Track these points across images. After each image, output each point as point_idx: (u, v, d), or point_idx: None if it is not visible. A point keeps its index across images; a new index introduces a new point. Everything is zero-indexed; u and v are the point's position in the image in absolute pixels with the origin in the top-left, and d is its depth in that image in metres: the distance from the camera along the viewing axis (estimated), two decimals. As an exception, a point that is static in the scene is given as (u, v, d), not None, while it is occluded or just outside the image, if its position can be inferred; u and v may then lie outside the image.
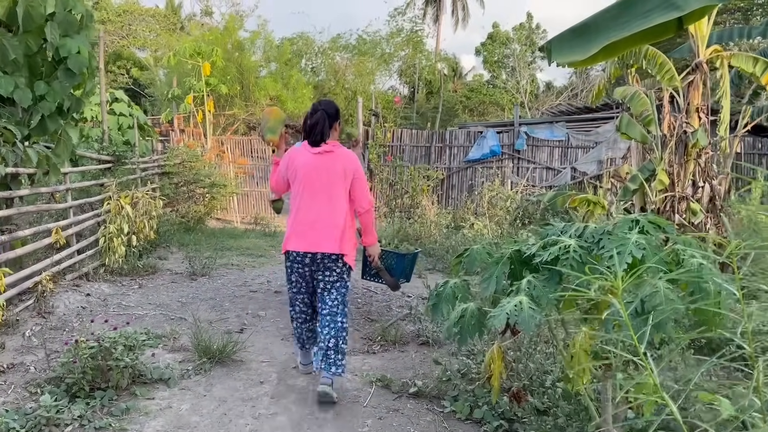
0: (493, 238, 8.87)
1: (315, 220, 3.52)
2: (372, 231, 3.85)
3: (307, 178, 3.55)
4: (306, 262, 3.54)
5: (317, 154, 3.57)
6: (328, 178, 3.54)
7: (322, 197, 3.53)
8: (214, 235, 9.44)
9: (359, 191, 3.60)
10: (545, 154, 12.86)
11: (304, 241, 3.52)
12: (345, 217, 3.56)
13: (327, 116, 3.61)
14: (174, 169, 9.43)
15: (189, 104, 11.83)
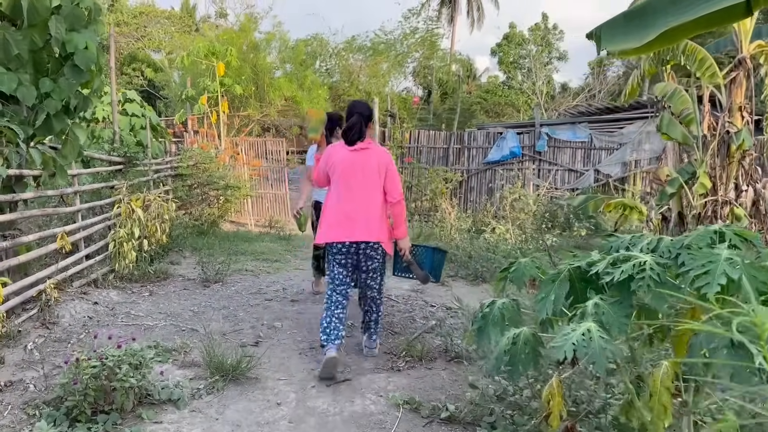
0: (517, 242, 8.50)
1: (353, 211, 3.82)
2: (403, 223, 4.04)
3: (345, 173, 3.88)
4: (350, 251, 3.86)
5: (354, 151, 3.91)
6: (364, 172, 3.86)
7: (359, 190, 3.84)
8: (228, 238, 9.16)
9: (391, 184, 3.90)
10: (567, 155, 12.45)
11: (345, 231, 3.82)
12: (381, 208, 3.88)
13: (362, 118, 3.93)
14: (187, 170, 9.16)
15: (203, 105, 11.58)
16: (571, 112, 14.86)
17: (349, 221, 3.80)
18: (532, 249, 7.81)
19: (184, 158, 9.29)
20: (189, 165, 9.32)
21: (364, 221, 3.79)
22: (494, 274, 6.79)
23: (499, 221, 10.07)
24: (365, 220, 3.80)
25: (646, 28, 2.96)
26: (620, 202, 5.79)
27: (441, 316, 5.17)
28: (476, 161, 12.69)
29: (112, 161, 6.79)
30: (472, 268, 6.98)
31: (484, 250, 8.12)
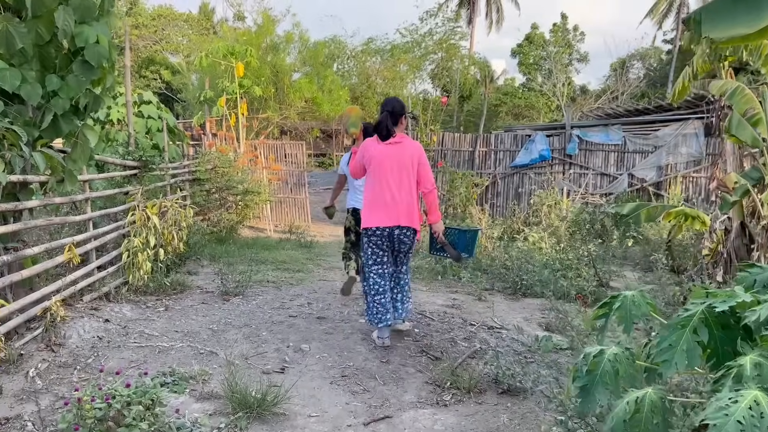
0: (553, 252, 7.95)
1: (389, 199, 4.18)
2: (436, 209, 4.39)
3: (380, 165, 4.22)
4: (384, 235, 4.23)
5: (388, 145, 4.24)
6: (398, 164, 4.18)
7: (393, 180, 4.18)
8: (248, 245, 8.72)
9: (424, 174, 4.26)
10: (599, 159, 11.85)
11: (383, 217, 4.19)
12: (413, 196, 4.25)
13: (390, 114, 4.26)
14: (205, 175, 8.75)
15: (221, 107, 11.18)
16: (598, 114, 14.23)
17: (386, 208, 4.18)
18: (571, 259, 7.25)
19: (201, 162, 8.87)
20: (207, 169, 8.91)
21: (399, 208, 4.17)
22: (534, 287, 6.27)
23: (530, 228, 9.53)
24: (400, 208, 4.17)
25: (759, 11, 2.43)
26: (681, 211, 5.23)
27: (484, 338, 4.65)
28: (503, 165, 12.15)
29: (127, 165, 6.37)
30: (509, 280, 6.46)
31: (520, 259, 7.59)
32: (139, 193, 6.33)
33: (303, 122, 21.06)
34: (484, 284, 6.34)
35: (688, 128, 11.62)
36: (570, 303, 5.86)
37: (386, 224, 4.19)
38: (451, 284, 6.73)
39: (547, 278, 6.25)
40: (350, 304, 5.68)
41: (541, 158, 11.82)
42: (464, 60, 28.31)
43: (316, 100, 12.97)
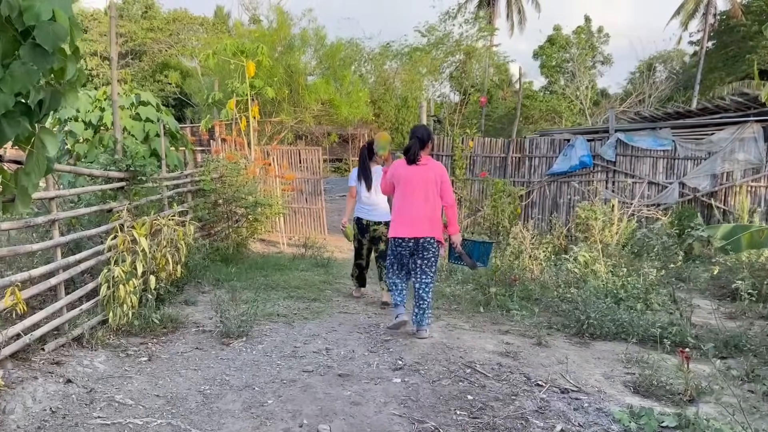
0: (612, 276, 6.73)
1: (415, 214, 4.75)
2: (455, 222, 4.94)
3: (408, 183, 4.83)
4: (409, 245, 4.80)
5: (414, 166, 4.83)
6: (423, 183, 4.78)
7: (419, 197, 4.77)
8: (257, 266, 7.59)
9: (445, 191, 4.81)
10: (647, 165, 10.58)
11: (409, 229, 4.76)
12: (436, 211, 4.79)
13: (419, 140, 4.85)
14: (210, 185, 7.66)
15: (231, 109, 10.11)
16: (643, 116, 12.92)
17: (412, 221, 4.75)
18: (638, 287, 6.03)
19: (206, 171, 7.79)
20: (212, 178, 7.82)
21: (423, 221, 4.72)
22: (604, 326, 5.06)
23: (577, 245, 8.32)
24: (424, 220, 4.72)
25: None
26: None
27: (561, 410, 3.46)
28: (539, 172, 10.93)
29: (111, 177, 5.28)
30: (571, 317, 5.25)
31: (575, 285, 6.40)
32: (124, 209, 5.25)
33: (319, 126, 20.02)
34: (539, 321, 5.13)
35: (746, 132, 10.31)
36: (653, 349, 4.65)
37: (410, 235, 4.77)
38: (498, 319, 5.54)
39: (619, 315, 5.03)
40: (378, 349, 4.53)
41: (581, 165, 10.59)
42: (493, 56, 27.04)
43: (334, 102, 11.85)
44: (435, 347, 4.57)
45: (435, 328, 5.15)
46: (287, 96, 11.59)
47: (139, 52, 32.49)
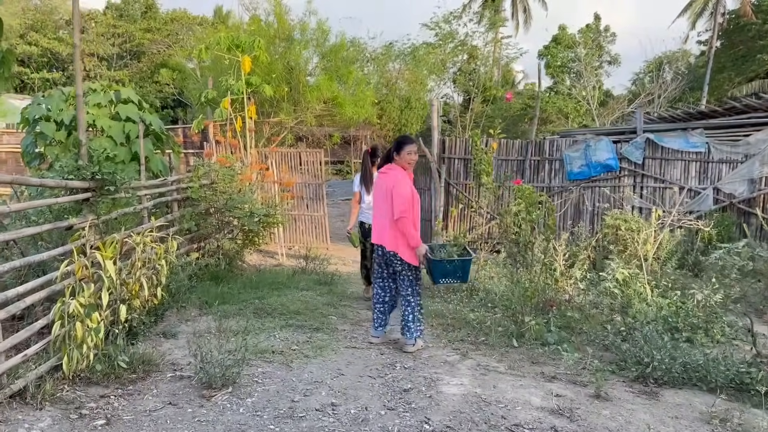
0: (659, 298, 5.79)
1: (377, 222, 4.77)
2: (410, 236, 4.50)
3: (374, 190, 4.93)
4: (379, 252, 4.75)
5: (380, 173, 4.81)
6: (381, 192, 4.66)
7: (379, 207, 4.71)
8: (252, 284, 6.64)
9: (394, 203, 4.48)
10: (678, 169, 9.63)
11: (374, 234, 4.80)
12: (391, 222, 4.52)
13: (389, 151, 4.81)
14: (198, 193, 6.71)
15: (225, 109, 9.17)
16: (671, 115, 11.95)
17: (376, 227, 4.78)
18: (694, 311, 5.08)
19: (195, 176, 6.84)
20: (202, 185, 6.87)
21: (382, 231, 4.64)
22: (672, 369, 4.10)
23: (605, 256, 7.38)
24: (383, 231, 4.63)
25: None
26: None
27: None
28: (559, 176, 9.98)
29: (72, 188, 4.34)
30: (630, 357, 4.29)
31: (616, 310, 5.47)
32: (86, 226, 4.31)
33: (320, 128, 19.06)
34: (592, 364, 4.18)
35: (788, 133, 9.37)
36: (734, 398, 3.70)
37: (376, 241, 4.73)
38: (538, 357, 4.58)
39: (693, 357, 4.07)
40: (397, 404, 3.58)
41: (606, 168, 9.64)
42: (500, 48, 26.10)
43: (338, 101, 10.90)
44: (468, 401, 3.62)
45: (464, 370, 4.20)
46: (287, 94, 10.63)
47: (138, 52, 31.59)
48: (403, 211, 4.41)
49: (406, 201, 4.42)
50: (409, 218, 4.42)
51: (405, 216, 4.41)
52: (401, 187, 4.47)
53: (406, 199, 4.43)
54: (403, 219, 4.40)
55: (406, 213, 4.42)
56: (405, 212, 4.41)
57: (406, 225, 4.42)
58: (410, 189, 4.54)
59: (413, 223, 4.49)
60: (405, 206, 4.40)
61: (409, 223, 4.43)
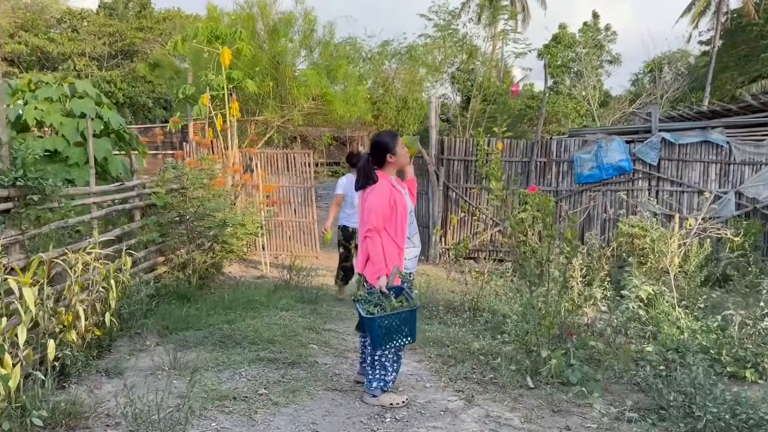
0: (691, 321, 4.95)
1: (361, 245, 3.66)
2: (374, 260, 3.45)
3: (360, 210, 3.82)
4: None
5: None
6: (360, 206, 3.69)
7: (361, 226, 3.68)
8: (224, 304, 5.75)
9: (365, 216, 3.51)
10: (696, 172, 8.79)
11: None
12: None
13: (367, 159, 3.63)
14: (164, 199, 5.84)
15: (204, 106, 8.31)
16: (687, 113, 11.11)
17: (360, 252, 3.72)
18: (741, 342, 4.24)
19: (161, 180, 5.97)
20: (170, 190, 6.01)
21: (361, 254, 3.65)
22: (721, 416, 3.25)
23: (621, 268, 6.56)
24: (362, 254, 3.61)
25: None
26: None
27: None
28: (568, 179, 9.13)
29: (-18, 196, 3.47)
30: (674, 407, 3.42)
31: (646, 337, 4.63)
32: (5, 243, 3.45)
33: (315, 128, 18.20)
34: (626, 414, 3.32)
35: (815, 132, 8.55)
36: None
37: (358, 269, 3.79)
38: (559, 403, 3.71)
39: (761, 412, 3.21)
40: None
41: (618, 171, 8.80)
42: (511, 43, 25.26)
43: (327, 98, 10.03)
44: (477, 476, 2.76)
45: (470, 424, 3.34)
46: (272, 90, 9.76)
47: (130, 52, 30.70)
48: (372, 227, 3.44)
49: (380, 214, 3.44)
50: (377, 238, 3.43)
51: (372, 235, 3.43)
52: (376, 195, 3.48)
53: (380, 212, 3.43)
54: (370, 237, 3.43)
55: (376, 230, 3.44)
56: (374, 229, 3.44)
57: (373, 245, 3.43)
58: (389, 198, 3.48)
59: (393, 241, 3.49)
60: (376, 220, 3.43)
61: (377, 242, 3.42)
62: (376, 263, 3.42)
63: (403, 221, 3.53)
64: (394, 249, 3.50)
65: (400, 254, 3.54)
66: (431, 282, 7.12)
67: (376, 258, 3.41)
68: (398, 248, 3.52)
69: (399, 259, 3.52)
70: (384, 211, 3.44)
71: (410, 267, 3.73)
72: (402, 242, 3.53)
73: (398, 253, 3.52)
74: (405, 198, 3.60)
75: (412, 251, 3.69)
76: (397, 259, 3.50)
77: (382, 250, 3.42)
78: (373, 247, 3.43)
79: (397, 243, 3.51)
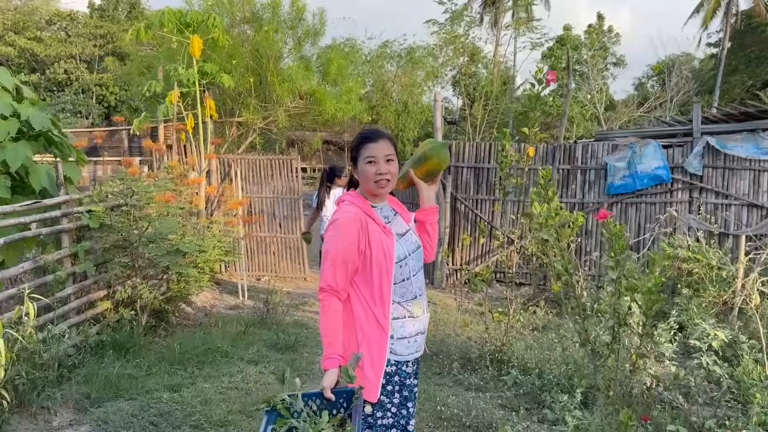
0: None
1: None
2: (321, 332, 1.97)
3: None
4: None
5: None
6: None
7: None
8: (173, 357, 4.38)
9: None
10: (746, 181, 7.44)
11: None
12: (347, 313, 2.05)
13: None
14: (99, 220, 4.51)
15: (171, 104, 7.00)
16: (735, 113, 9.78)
17: None
18: None
19: (96, 195, 4.65)
20: (109, 208, 4.68)
21: None
22: None
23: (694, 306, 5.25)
24: None
25: None
26: None
27: None
28: (595, 189, 7.81)
29: None
30: None
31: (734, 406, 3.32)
32: None
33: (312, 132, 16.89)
34: None
35: None
36: None
37: None
38: None
39: None
40: None
41: (655, 180, 7.48)
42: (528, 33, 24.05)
43: (316, 95, 8.70)
44: None
45: None
46: (254, 87, 8.44)
47: (121, 54, 29.40)
48: (325, 285, 2.01)
49: (339, 264, 2.00)
50: (333, 304, 1.99)
51: (326, 300, 1.99)
52: (333, 232, 2.05)
53: (338, 260, 2.00)
54: (321, 298, 2.01)
55: (332, 291, 2.00)
56: (328, 289, 2.00)
57: (325, 315, 1.98)
58: (356, 237, 2.02)
59: (370, 311, 2.04)
60: (332, 274, 2.00)
61: (330, 312, 1.98)
62: (325, 344, 1.93)
63: (386, 276, 2.04)
64: (370, 325, 2.03)
65: (382, 336, 2.02)
66: (439, 316, 5.79)
67: (325, 335, 1.94)
68: (377, 325, 2.03)
69: (379, 342, 2.02)
70: (346, 258, 1.99)
71: (403, 353, 2.10)
72: (384, 313, 2.03)
73: (378, 333, 2.02)
74: (393, 239, 2.09)
75: (408, 326, 2.11)
76: (377, 342, 2.02)
77: (334, 324, 1.96)
78: (324, 318, 1.97)
79: (376, 314, 2.03)
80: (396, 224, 2.19)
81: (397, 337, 2.08)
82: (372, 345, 2.04)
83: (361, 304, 2.05)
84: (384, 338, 2.04)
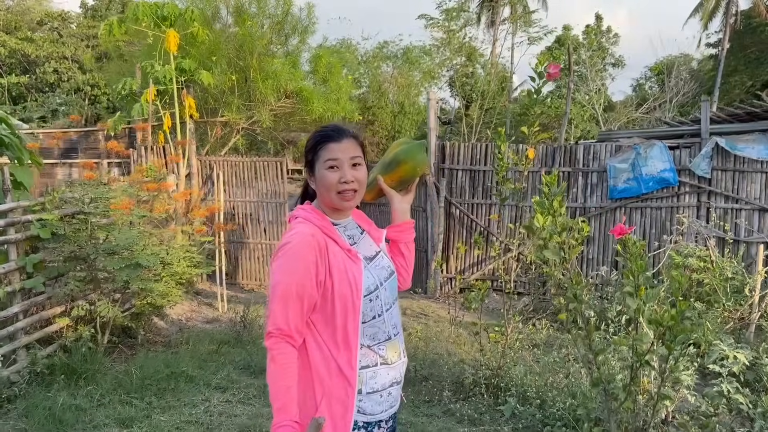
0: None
1: None
2: (269, 382, 1.49)
3: None
4: None
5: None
6: None
7: None
8: (130, 384, 3.91)
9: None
10: (757, 185, 7.00)
11: None
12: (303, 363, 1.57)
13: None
14: (50, 230, 4.04)
15: (146, 102, 6.53)
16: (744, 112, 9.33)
17: None
18: None
19: (50, 202, 4.18)
20: (65, 216, 4.21)
21: None
22: None
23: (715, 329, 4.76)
24: None
25: None
26: None
27: None
28: (597, 193, 7.36)
29: None
30: None
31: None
32: None
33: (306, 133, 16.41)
34: None
35: None
36: None
37: None
38: None
39: None
40: None
41: (661, 183, 7.03)
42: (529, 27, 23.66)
43: (303, 94, 8.22)
44: None
45: None
46: (238, 85, 7.97)
47: (114, 55, 28.93)
48: (272, 329, 1.50)
49: (288, 301, 1.48)
50: (285, 351, 1.48)
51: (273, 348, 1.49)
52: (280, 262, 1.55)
53: (287, 297, 1.48)
54: (270, 351, 1.50)
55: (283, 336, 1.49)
56: (275, 334, 1.49)
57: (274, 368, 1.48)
58: (312, 267, 1.52)
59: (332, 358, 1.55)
60: (282, 315, 1.48)
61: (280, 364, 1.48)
62: (275, 409, 1.45)
63: (352, 314, 1.57)
64: (332, 377, 1.56)
65: (348, 390, 1.56)
66: (431, 332, 5.32)
67: (275, 397, 1.46)
68: (341, 376, 1.56)
69: (343, 399, 1.55)
70: (301, 293, 1.50)
71: (375, 412, 1.62)
72: (350, 361, 1.57)
73: (342, 387, 1.56)
74: (361, 266, 1.61)
75: (381, 375, 1.63)
76: (340, 399, 1.55)
77: (286, 380, 1.48)
78: (273, 373, 1.48)
79: (339, 363, 1.56)
80: (363, 245, 1.71)
81: (367, 392, 1.59)
82: (334, 403, 1.54)
83: (321, 351, 1.57)
84: (350, 394, 1.55)
